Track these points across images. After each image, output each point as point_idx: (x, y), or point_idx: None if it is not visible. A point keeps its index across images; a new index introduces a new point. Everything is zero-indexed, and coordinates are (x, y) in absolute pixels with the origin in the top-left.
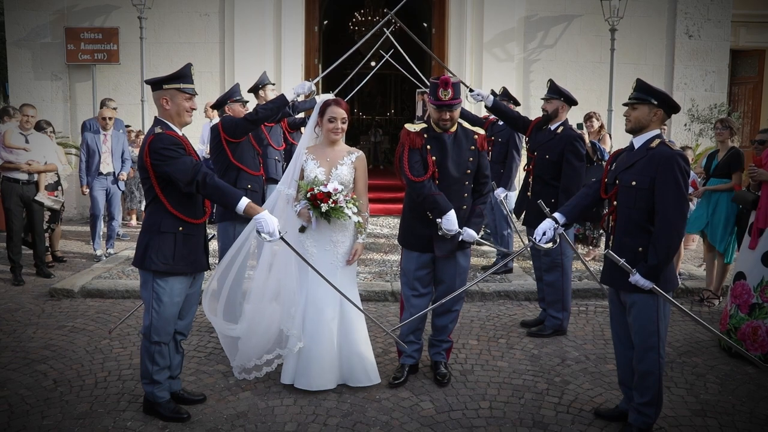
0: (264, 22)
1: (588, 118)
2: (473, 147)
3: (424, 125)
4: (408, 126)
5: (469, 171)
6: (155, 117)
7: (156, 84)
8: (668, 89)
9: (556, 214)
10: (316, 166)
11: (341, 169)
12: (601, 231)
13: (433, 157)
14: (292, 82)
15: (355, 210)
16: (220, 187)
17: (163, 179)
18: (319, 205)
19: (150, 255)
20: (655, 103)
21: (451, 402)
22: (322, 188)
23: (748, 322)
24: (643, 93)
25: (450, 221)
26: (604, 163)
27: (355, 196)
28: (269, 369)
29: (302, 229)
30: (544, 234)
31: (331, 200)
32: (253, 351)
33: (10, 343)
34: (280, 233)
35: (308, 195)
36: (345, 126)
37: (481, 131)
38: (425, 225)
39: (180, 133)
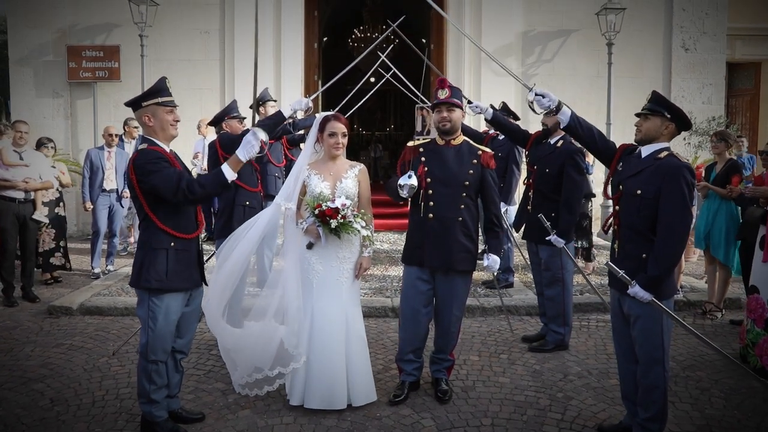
0: (264, 39)
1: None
2: (476, 161)
3: (426, 140)
4: (409, 143)
5: (467, 183)
6: (141, 135)
7: (135, 103)
8: None
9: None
10: (320, 181)
11: (346, 182)
12: (587, 243)
13: (426, 168)
14: (291, 98)
15: (364, 224)
16: (204, 183)
17: (150, 195)
18: (328, 222)
19: (143, 273)
20: (668, 116)
21: (453, 419)
22: (329, 204)
23: (765, 336)
24: (657, 105)
25: (404, 177)
26: (589, 177)
27: (362, 210)
28: (270, 388)
29: (310, 246)
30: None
31: (339, 215)
32: (252, 366)
33: (7, 361)
34: (263, 141)
35: (316, 212)
36: (345, 140)
37: (488, 150)
38: (420, 236)
39: (167, 149)
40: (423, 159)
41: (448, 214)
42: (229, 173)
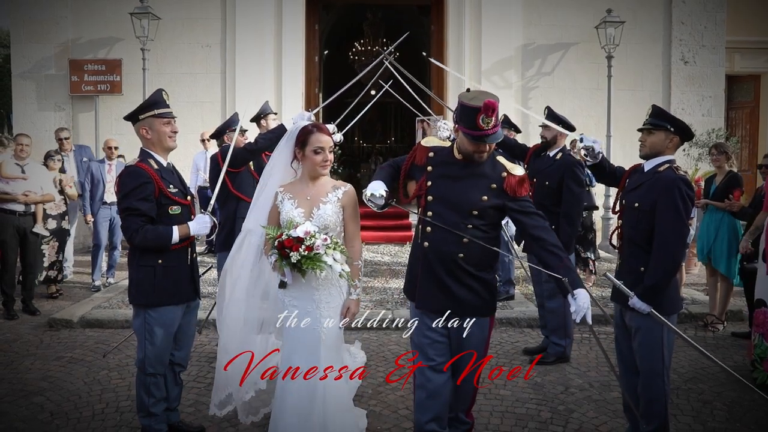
0: (265, 52)
1: (574, 143)
2: (494, 186)
3: (444, 145)
4: (425, 140)
5: (475, 212)
6: (140, 148)
7: (133, 117)
8: None
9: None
10: (293, 208)
11: (324, 208)
12: (593, 256)
13: (429, 182)
14: (292, 111)
15: (338, 256)
16: (149, 239)
17: None
18: (288, 255)
19: (132, 290)
20: (672, 129)
21: None
22: (291, 233)
23: None
24: (659, 119)
25: (372, 185)
26: (591, 189)
27: (337, 241)
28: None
29: (282, 285)
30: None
31: (303, 247)
32: (253, 381)
33: (6, 374)
34: (213, 221)
35: (275, 243)
36: (332, 156)
37: (517, 172)
38: (415, 266)
39: (164, 163)
40: (429, 169)
41: (444, 248)
42: (176, 237)
